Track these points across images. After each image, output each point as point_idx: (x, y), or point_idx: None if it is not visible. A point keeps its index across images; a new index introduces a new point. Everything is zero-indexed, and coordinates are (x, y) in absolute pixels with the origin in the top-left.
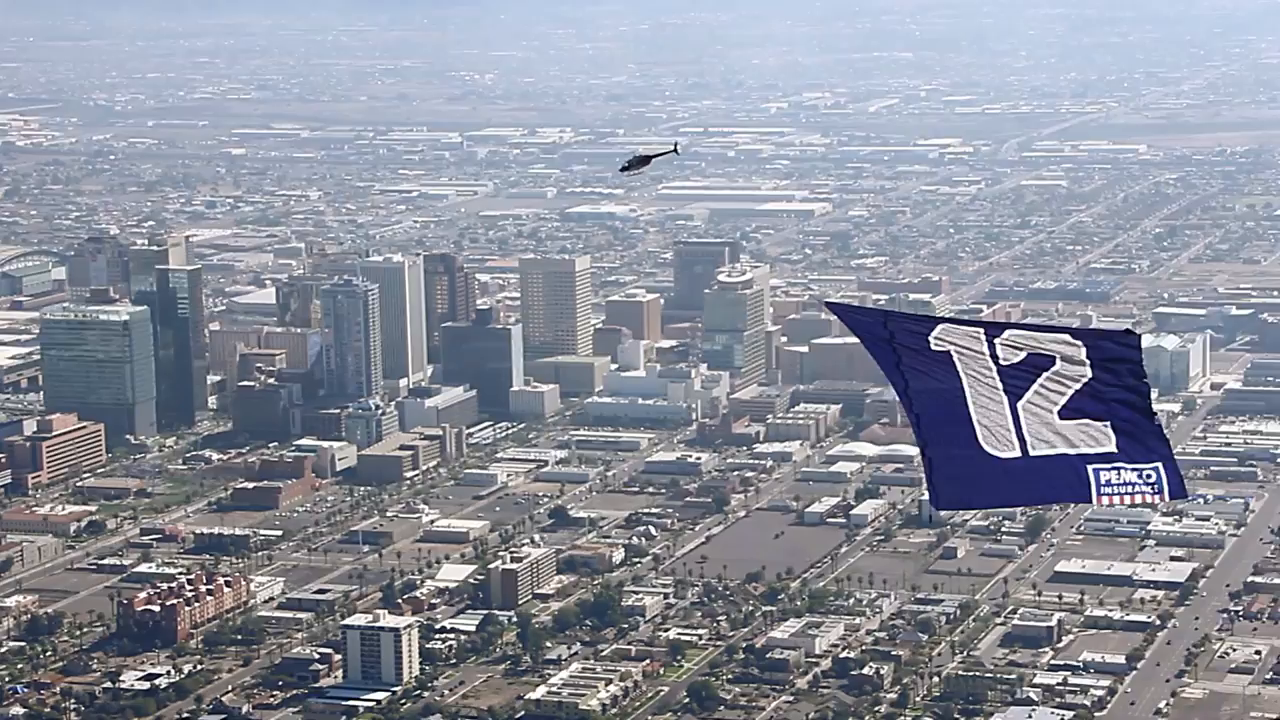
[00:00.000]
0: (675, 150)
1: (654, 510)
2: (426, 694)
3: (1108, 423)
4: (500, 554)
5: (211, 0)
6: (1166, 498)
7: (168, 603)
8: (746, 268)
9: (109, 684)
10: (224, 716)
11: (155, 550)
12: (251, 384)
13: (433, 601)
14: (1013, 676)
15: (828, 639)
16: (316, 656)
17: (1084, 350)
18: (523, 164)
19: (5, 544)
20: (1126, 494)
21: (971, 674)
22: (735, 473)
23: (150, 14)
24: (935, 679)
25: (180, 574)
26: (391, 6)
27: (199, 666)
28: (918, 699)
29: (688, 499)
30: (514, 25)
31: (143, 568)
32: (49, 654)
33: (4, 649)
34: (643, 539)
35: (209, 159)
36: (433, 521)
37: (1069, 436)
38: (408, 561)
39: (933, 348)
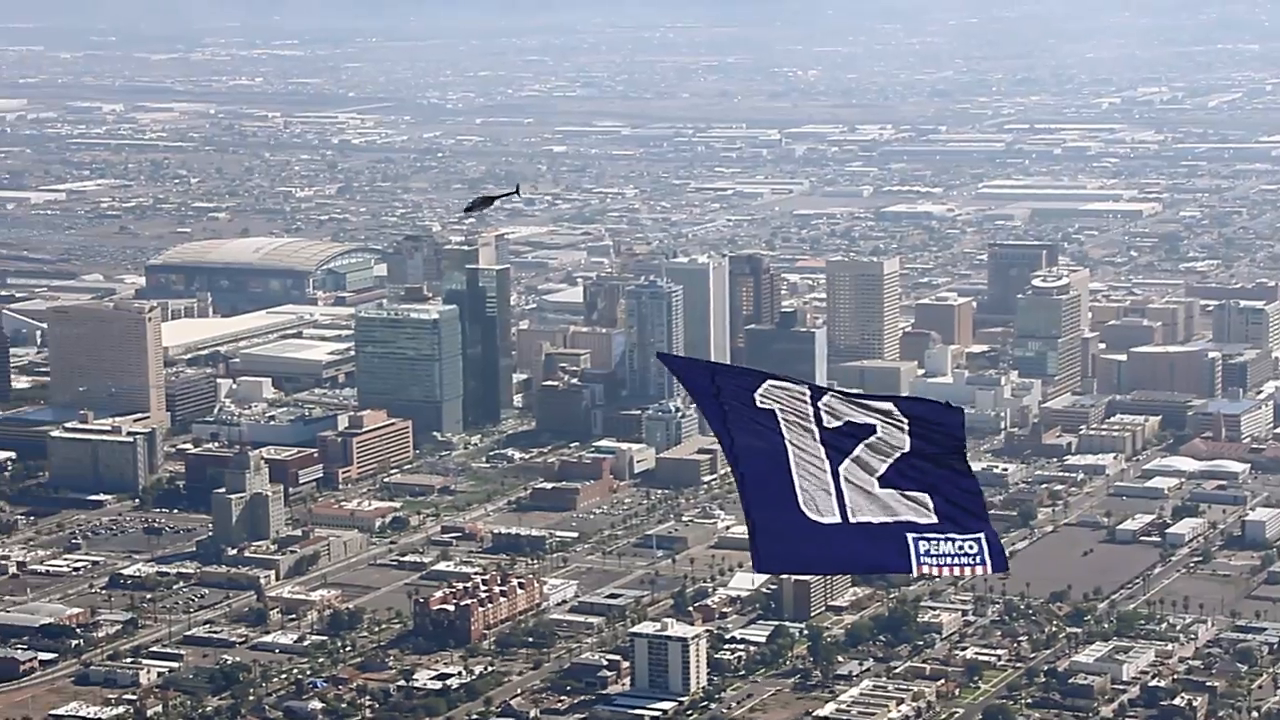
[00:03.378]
0: (517, 192)
1: None
2: (714, 705)
3: (927, 494)
4: None
5: (544, 1)
6: (988, 570)
7: (462, 602)
8: (1065, 271)
9: (403, 682)
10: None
11: (454, 548)
12: (555, 383)
13: (724, 610)
14: None
15: (1136, 665)
16: (605, 663)
17: (905, 421)
18: (840, 161)
19: (314, 538)
20: (946, 565)
21: None
22: (1044, 485)
23: (486, 13)
24: (1254, 714)
25: (476, 574)
26: (719, 3)
27: (490, 668)
28: None
29: (991, 512)
30: (840, 20)
31: (441, 566)
32: (348, 649)
33: (306, 642)
34: None
35: (531, 156)
36: (728, 528)
37: (889, 505)
38: (700, 568)
39: (758, 405)
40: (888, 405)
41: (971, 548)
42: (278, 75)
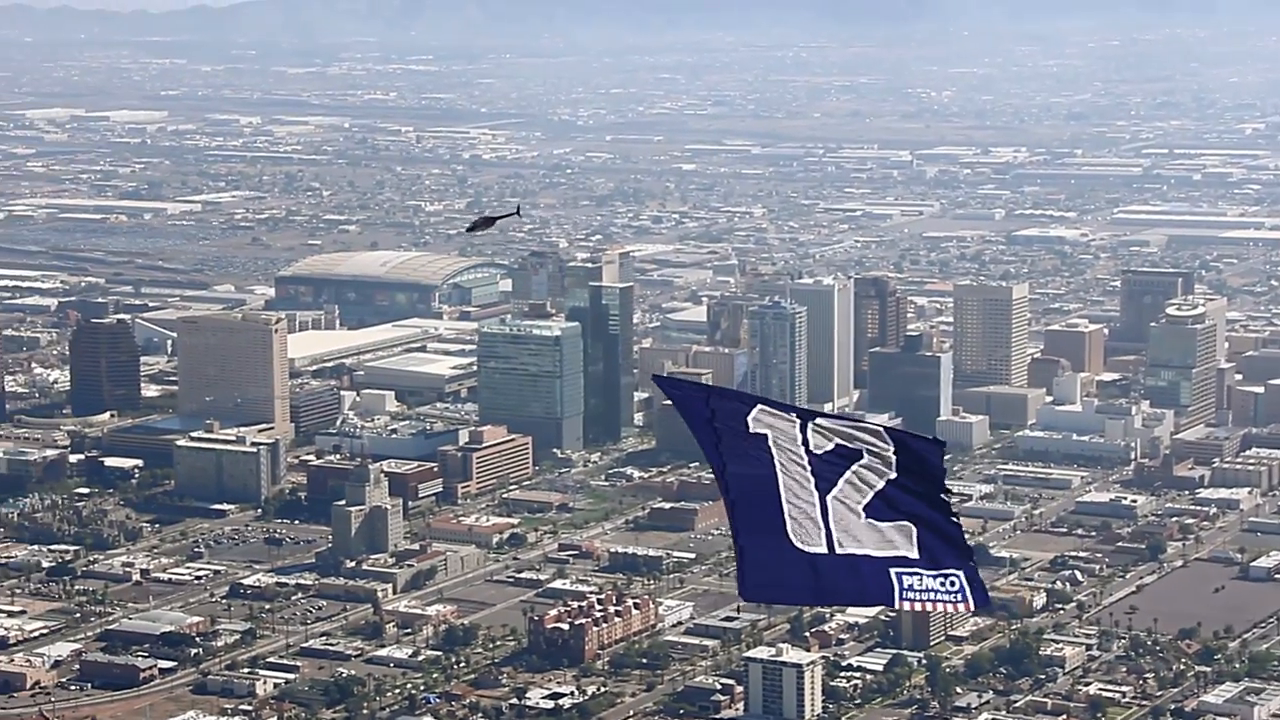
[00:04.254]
0: (517, 213)
1: (1082, 554)
2: None
3: (911, 526)
4: None
5: (678, 18)
6: (971, 607)
7: (577, 621)
8: (1201, 299)
9: (515, 700)
10: None
11: (571, 566)
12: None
13: (840, 637)
14: None
15: (1268, 708)
16: (719, 687)
17: (891, 449)
18: (972, 184)
19: (431, 552)
20: (929, 600)
21: None
22: (1174, 519)
23: (619, 31)
24: None
25: (592, 593)
26: (853, 23)
27: (603, 688)
28: None
29: (1119, 544)
30: (976, 42)
31: (557, 584)
32: (462, 665)
33: (421, 657)
34: (1068, 584)
35: (660, 174)
36: None
37: (874, 537)
38: None
39: (751, 430)
40: (875, 433)
41: (953, 584)
42: (412, 90)
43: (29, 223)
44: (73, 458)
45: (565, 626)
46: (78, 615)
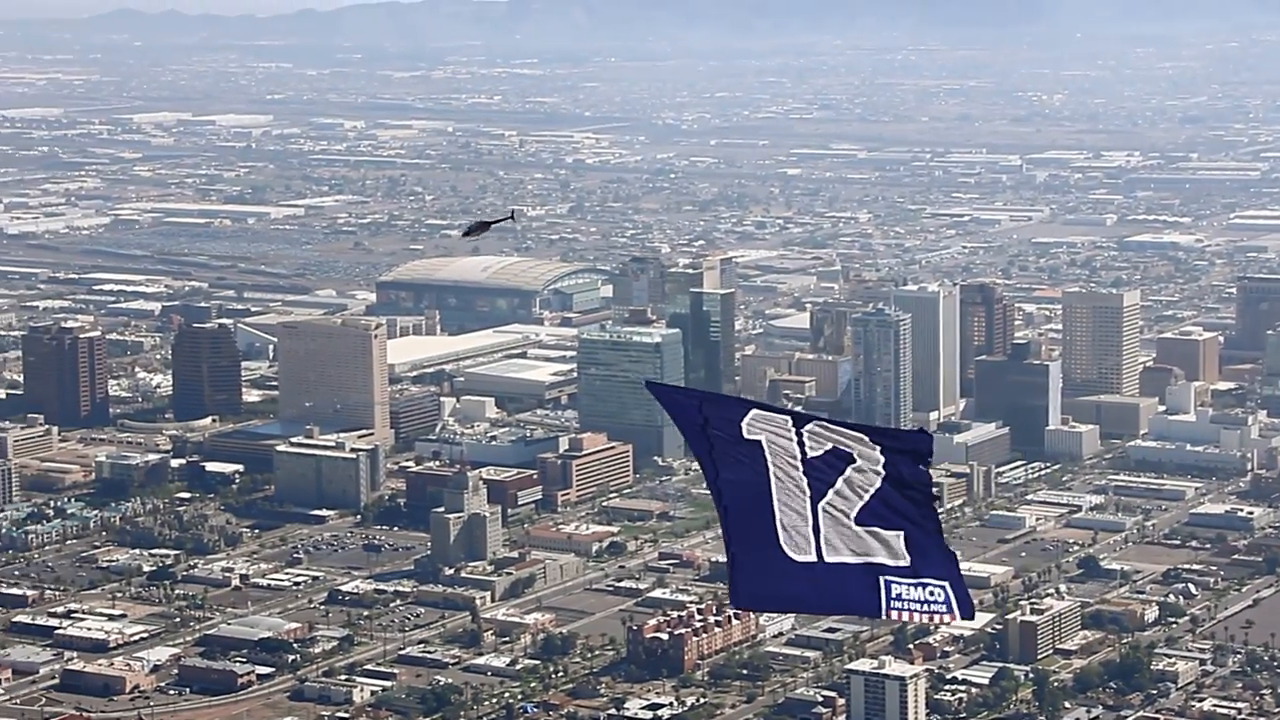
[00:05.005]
0: (512, 217)
1: (1195, 566)
2: None
3: (900, 533)
4: (1021, 603)
5: (784, 21)
6: (957, 618)
7: (677, 631)
8: None
9: (614, 710)
10: None
11: (671, 575)
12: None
13: (945, 649)
14: None
15: None
16: (820, 699)
17: (879, 451)
18: (1083, 189)
19: (530, 560)
20: (916, 610)
21: None
22: None
23: (725, 34)
24: None
25: (692, 602)
26: (963, 25)
27: (702, 700)
28: None
29: (1235, 556)
30: (1089, 44)
31: (657, 593)
32: (560, 675)
33: (519, 666)
34: (1180, 597)
35: (764, 179)
36: None
37: (863, 545)
38: None
39: (745, 436)
40: (862, 436)
41: (938, 594)
42: (516, 94)
43: (135, 227)
44: (174, 462)
45: (665, 636)
46: (177, 620)
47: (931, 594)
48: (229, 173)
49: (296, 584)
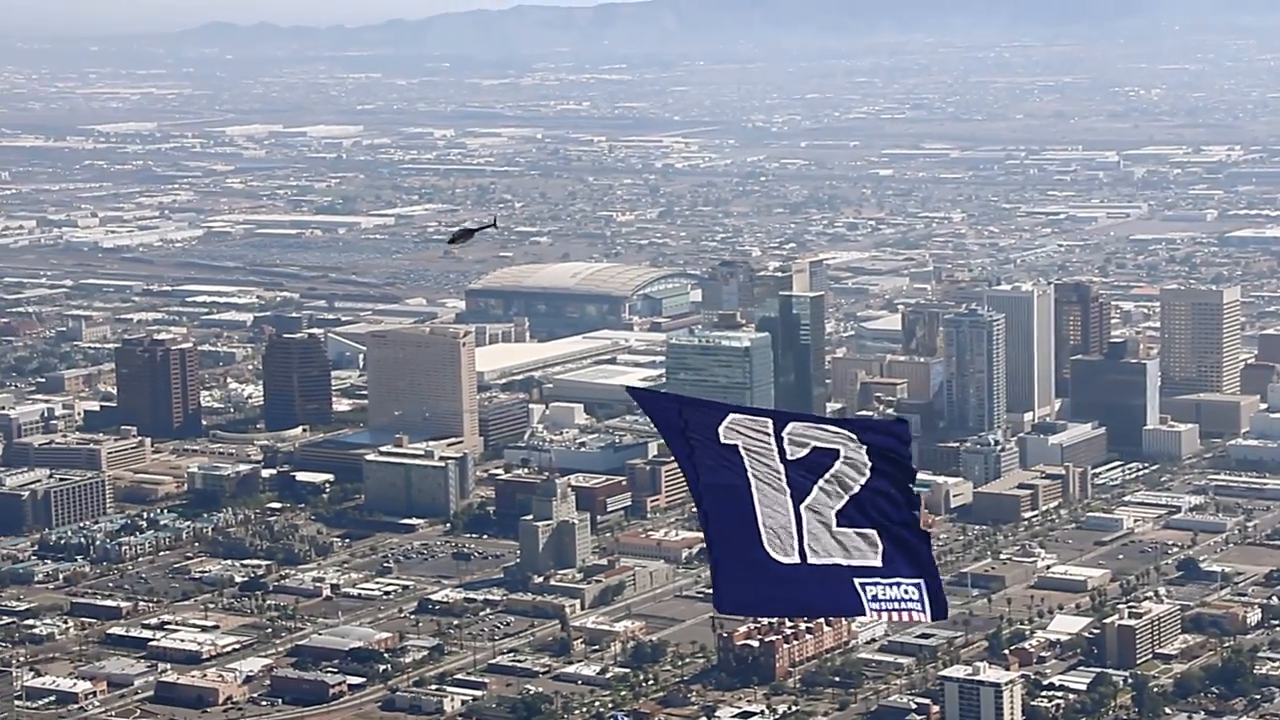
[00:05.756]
0: (494, 224)
1: None
2: None
3: (877, 532)
4: (1119, 607)
5: (876, 20)
6: (928, 618)
7: (768, 639)
8: None
9: (705, 719)
10: None
11: None
12: (869, 413)
13: (1042, 654)
14: None
15: None
16: (913, 706)
17: (860, 444)
18: (1182, 184)
19: (620, 567)
20: (893, 610)
21: None
22: None
23: (817, 35)
24: None
25: None
26: (1058, 21)
27: (794, 707)
28: None
29: None
30: (1187, 37)
31: None
32: (650, 683)
33: (609, 674)
34: None
35: (856, 180)
36: (1049, 567)
37: (843, 546)
38: (1018, 609)
39: (723, 440)
40: (844, 430)
41: (912, 593)
42: (605, 99)
43: (227, 239)
44: (265, 472)
45: (756, 643)
46: (269, 630)
47: (906, 592)
48: (320, 183)
49: (387, 593)
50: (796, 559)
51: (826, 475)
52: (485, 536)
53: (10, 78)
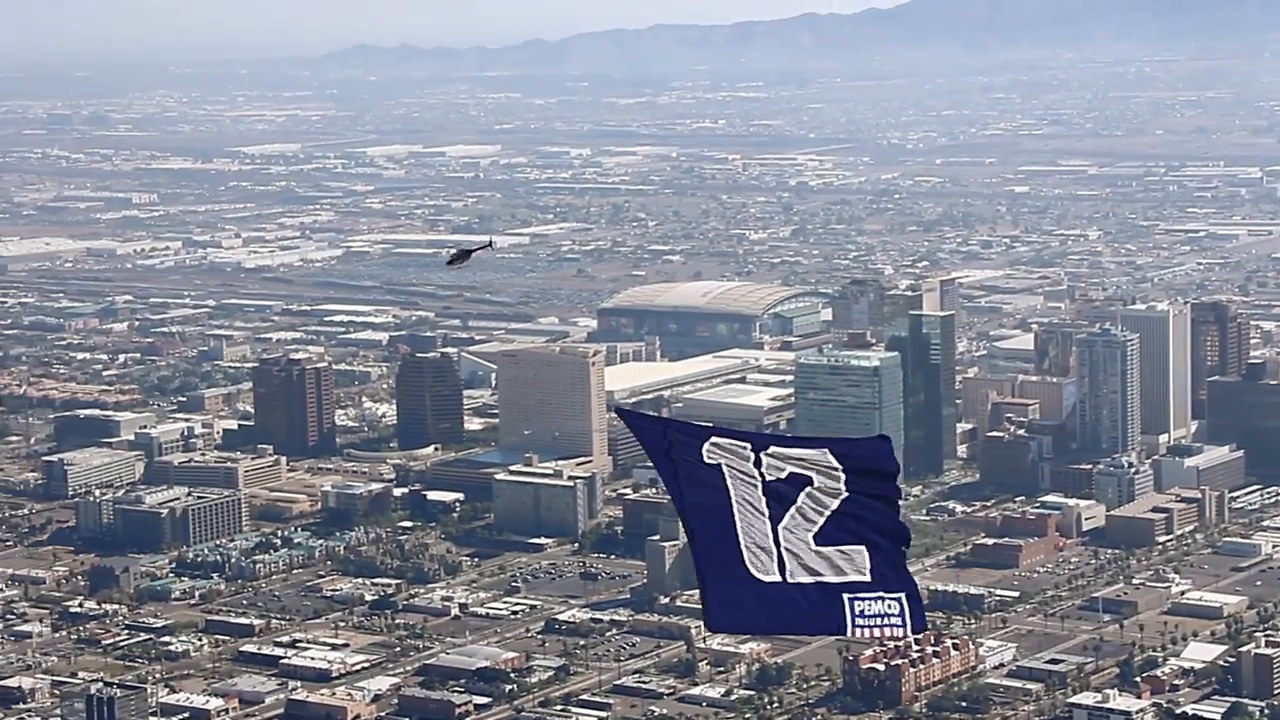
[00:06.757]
0: (490, 245)
1: None
2: None
3: (863, 546)
4: (1256, 635)
5: (1014, 36)
6: (909, 633)
7: (894, 662)
8: None
9: None
10: None
11: None
12: (1001, 434)
13: (1175, 683)
14: None
15: None
16: None
17: (839, 464)
18: None
19: None
20: (878, 626)
21: None
22: None
23: (954, 52)
24: None
25: None
26: (1201, 35)
27: None
28: None
29: None
30: None
31: None
32: (775, 705)
33: (734, 696)
34: None
35: (991, 197)
36: (1183, 593)
37: (825, 563)
38: (1151, 635)
39: (706, 461)
40: (823, 450)
41: (893, 608)
42: (740, 117)
43: (365, 258)
44: (397, 491)
45: (881, 667)
46: (397, 649)
47: (889, 607)
48: (457, 203)
49: (514, 613)
50: (777, 577)
51: (803, 496)
52: (613, 556)
53: (162, 101)
